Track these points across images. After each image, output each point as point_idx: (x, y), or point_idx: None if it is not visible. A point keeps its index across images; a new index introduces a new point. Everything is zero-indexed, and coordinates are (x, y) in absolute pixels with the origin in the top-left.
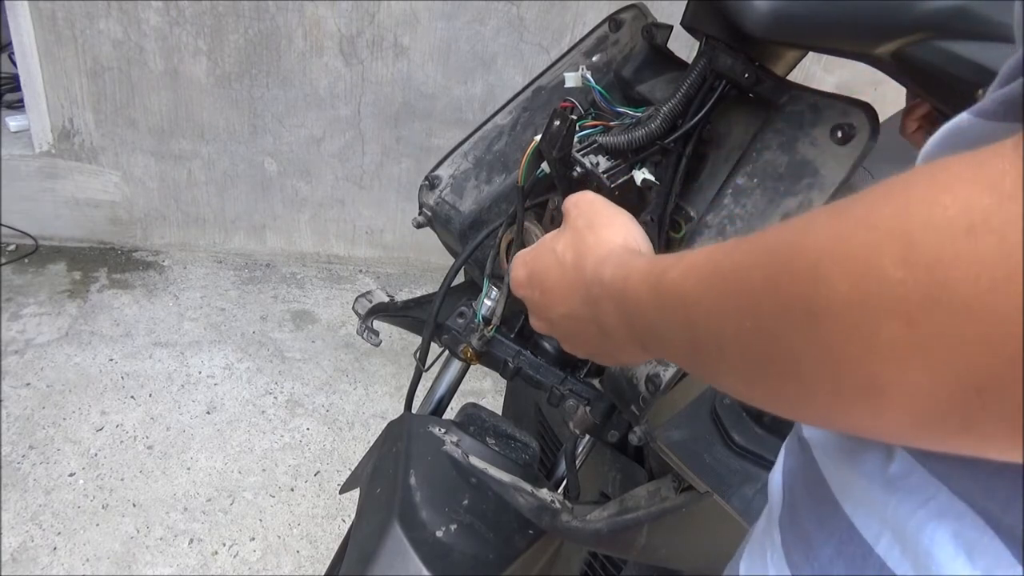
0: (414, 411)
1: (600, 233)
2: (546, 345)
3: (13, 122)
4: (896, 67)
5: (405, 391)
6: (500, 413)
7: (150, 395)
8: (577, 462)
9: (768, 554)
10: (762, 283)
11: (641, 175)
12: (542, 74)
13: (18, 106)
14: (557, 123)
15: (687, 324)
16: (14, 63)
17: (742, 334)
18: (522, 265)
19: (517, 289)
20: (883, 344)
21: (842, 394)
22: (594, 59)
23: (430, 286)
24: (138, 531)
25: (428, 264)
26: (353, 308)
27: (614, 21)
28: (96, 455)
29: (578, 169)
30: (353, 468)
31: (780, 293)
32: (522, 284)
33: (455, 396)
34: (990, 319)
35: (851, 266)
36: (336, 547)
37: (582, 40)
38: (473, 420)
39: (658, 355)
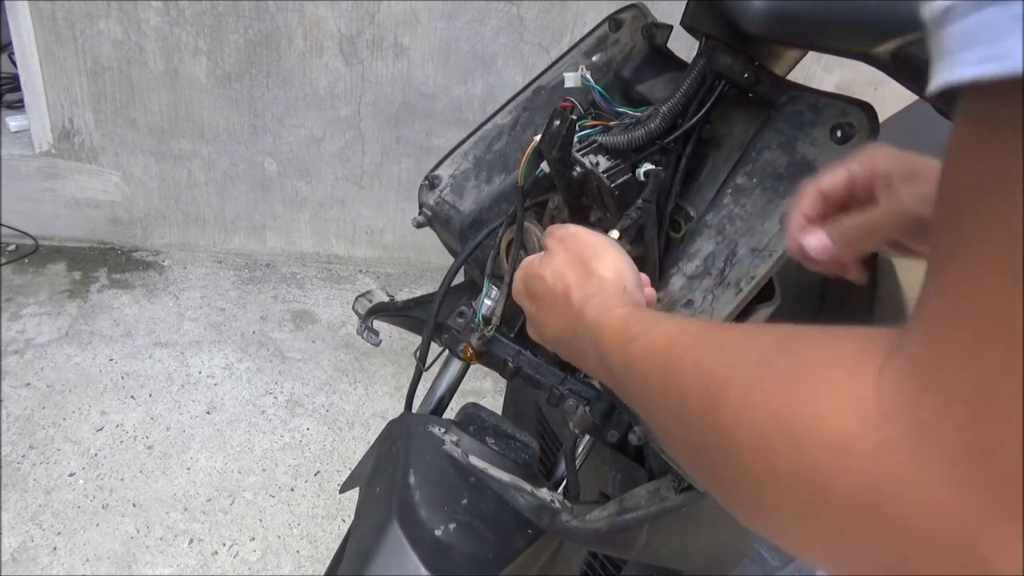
0: (414, 411)
1: (590, 265)
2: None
3: (13, 122)
4: (896, 67)
5: (405, 391)
6: (500, 413)
7: (150, 395)
8: (577, 462)
9: None
10: (695, 404)
11: (644, 167)
12: (542, 74)
13: (18, 106)
14: (557, 123)
15: (642, 394)
16: (14, 63)
17: (676, 428)
18: (521, 280)
19: (518, 298)
20: (781, 512)
21: (752, 519)
22: (594, 59)
23: (430, 286)
24: (138, 531)
25: (428, 264)
26: (353, 308)
27: (614, 21)
28: (96, 455)
29: (578, 169)
30: (353, 468)
31: (703, 421)
32: (521, 295)
33: (455, 396)
34: (862, 536)
35: (756, 439)
36: (336, 547)
37: (582, 40)
38: (473, 420)
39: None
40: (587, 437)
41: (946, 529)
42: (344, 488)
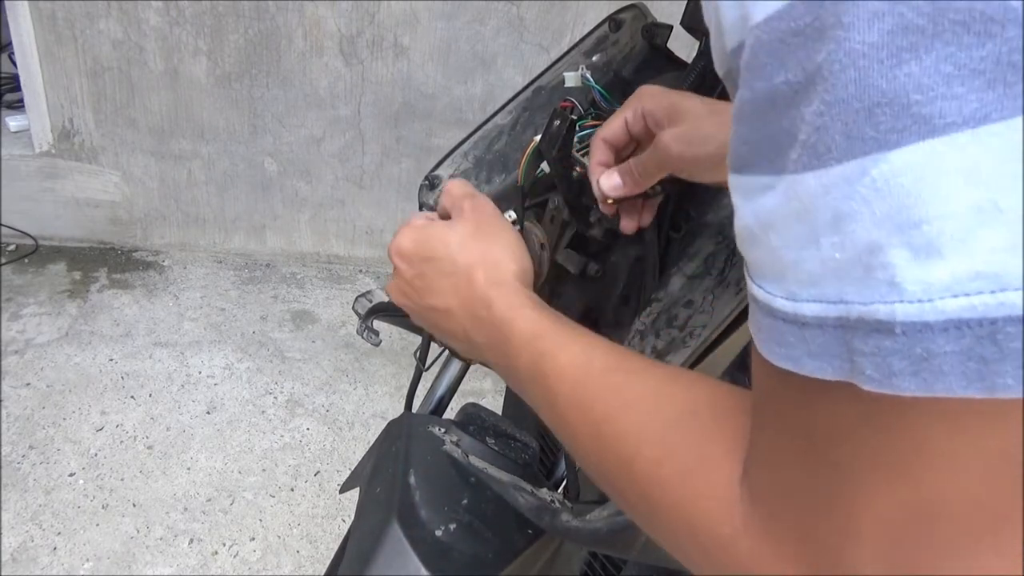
0: (414, 411)
1: (493, 248)
2: None
3: (13, 122)
4: None
5: (405, 391)
6: (500, 413)
7: (150, 395)
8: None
9: None
10: (610, 454)
11: None
12: (542, 74)
13: (18, 106)
14: (557, 123)
15: (550, 407)
16: (14, 63)
17: (586, 454)
18: (409, 239)
19: (393, 257)
20: (680, 554)
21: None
22: (594, 59)
23: None
24: (138, 531)
25: None
26: (353, 308)
27: (614, 21)
28: (96, 455)
29: (578, 169)
30: (353, 468)
31: (619, 469)
32: (403, 256)
33: (455, 396)
34: None
35: (664, 510)
36: (336, 547)
37: (582, 40)
38: (473, 420)
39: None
40: None
41: None
42: (344, 488)
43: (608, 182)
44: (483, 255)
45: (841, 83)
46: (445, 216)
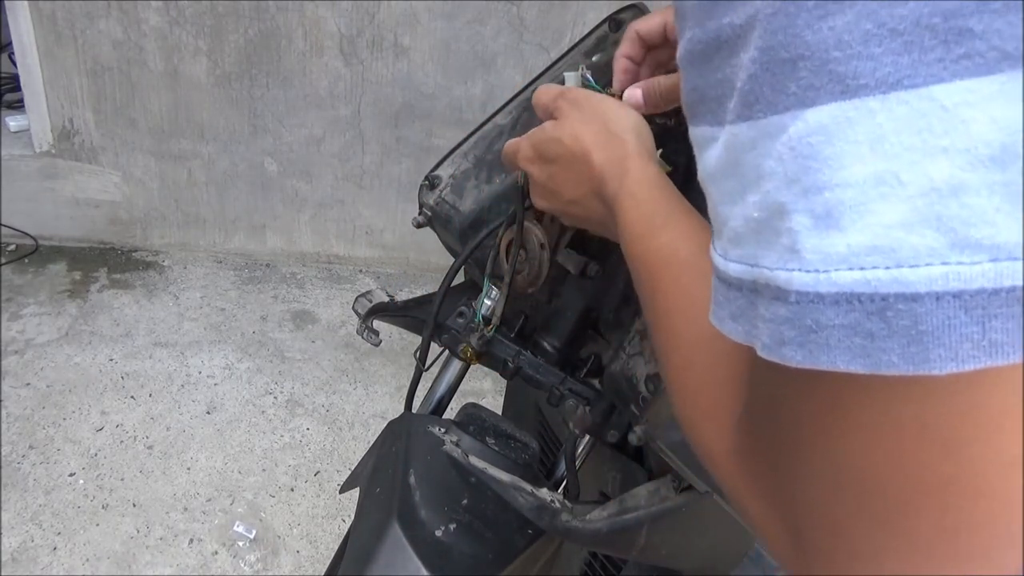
0: (414, 411)
1: (609, 127)
2: (546, 345)
3: (13, 122)
4: None
5: (405, 391)
6: (500, 413)
7: (150, 395)
8: (577, 462)
9: None
10: (658, 337)
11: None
12: (542, 74)
13: (18, 106)
14: None
15: (637, 285)
16: (14, 63)
17: (656, 325)
18: (531, 146)
19: (525, 164)
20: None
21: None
22: (594, 59)
23: (430, 286)
24: (138, 531)
25: (428, 264)
26: (353, 308)
27: (614, 21)
28: (96, 455)
29: None
30: (353, 468)
31: (661, 352)
32: (530, 160)
33: (455, 396)
34: (722, 483)
35: (681, 405)
36: (336, 547)
37: (582, 40)
38: (473, 420)
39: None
40: (587, 437)
41: (752, 513)
42: (344, 488)
43: (631, 95)
44: (595, 138)
45: (771, 30)
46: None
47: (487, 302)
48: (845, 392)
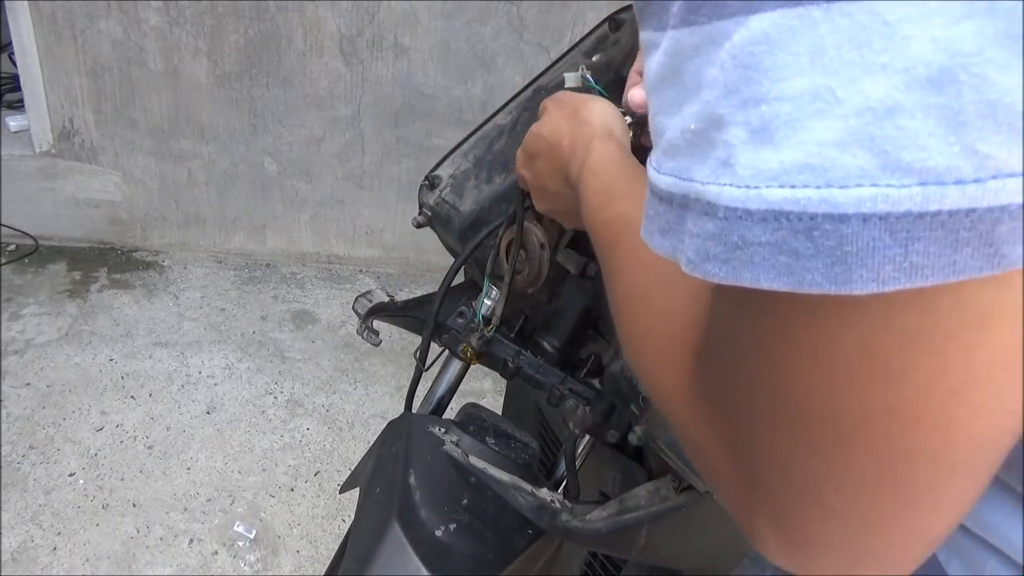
0: (414, 411)
1: (580, 115)
2: (546, 345)
3: (13, 122)
4: None
5: (405, 391)
6: (500, 413)
7: (150, 395)
8: (577, 462)
9: None
10: (615, 295)
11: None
12: (542, 74)
13: (18, 106)
14: None
15: (599, 257)
16: (14, 63)
17: (612, 286)
18: (520, 152)
19: (519, 168)
20: (646, 385)
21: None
22: (594, 59)
23: (430, 286)
24: (138, 531)
25: (428, 264)
26: (353, 308)
27: (614, 21)
28: (96, 455)
29: None
30: (353, 468)
31: (616, 309)
32: (521, 163)
33: (455, 396)
34: (677, 427)
35: (635, 349)
36: (336, 547)
37: (582, 40)
38: (473, 420)
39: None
40: (587, 437)
41: (706, 456)
42: (344, 488)
43: (636, 97)
44: (571, 129)
45: None
46: None
47: (487, 302)
48: (789, 318)
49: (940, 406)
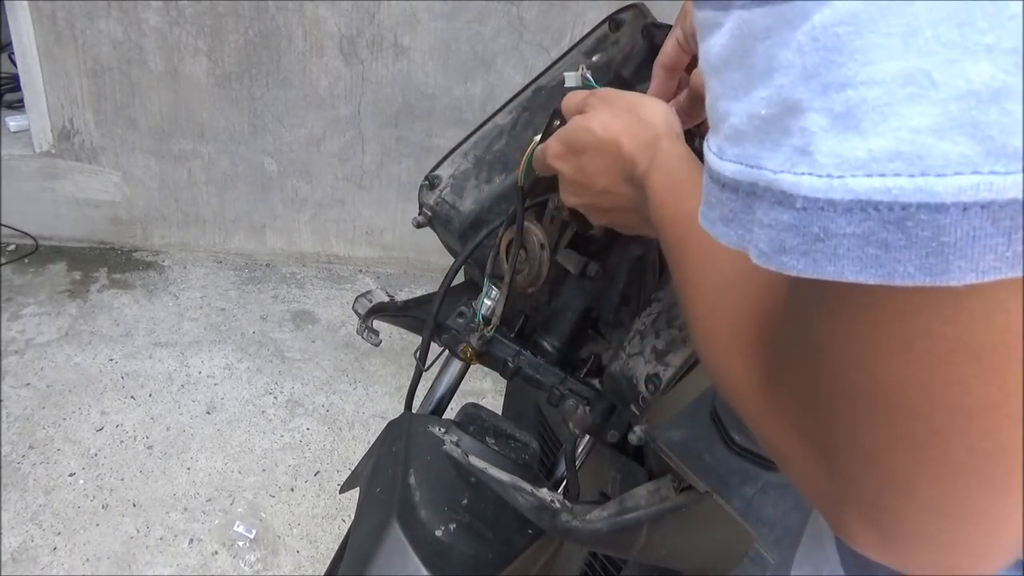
0: (414, 411)
1: (638, 114)
2: (546, 345)
3: (13, 122)
4: None
5: (405, 391)
6: (500, 413)
7: (150, 395)
8: (577, 462)
9: (823, 560)
10: (684, 292)
11: None
12: (542, 74)
13: (18, 106)
14: (557, 123)
15: (666, 253)
16: (14, 63)
17: (683, 282)
18: (560, 140)
19: (554, 160)
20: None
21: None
22: (594, 59)
23: (430, 286)
24: (138, 531)
25: (428, 264)
26: (353, 308)
27: (614, 21)
28: (96, 455)
29: None
30: (353, 468)
31: (685, 303)
32: (559, 156)
33: (455, 396)
34: (747, 417)
35: (705, 346)
36: (336, 547)
37: (582, 40)
38: (473, 420)
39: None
40: (587, 437)
41: (783, 450)
42: (344, 488)
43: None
44: (625, 126)
45: None
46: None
47: (487, 302)
48: (879, 311)
49: None
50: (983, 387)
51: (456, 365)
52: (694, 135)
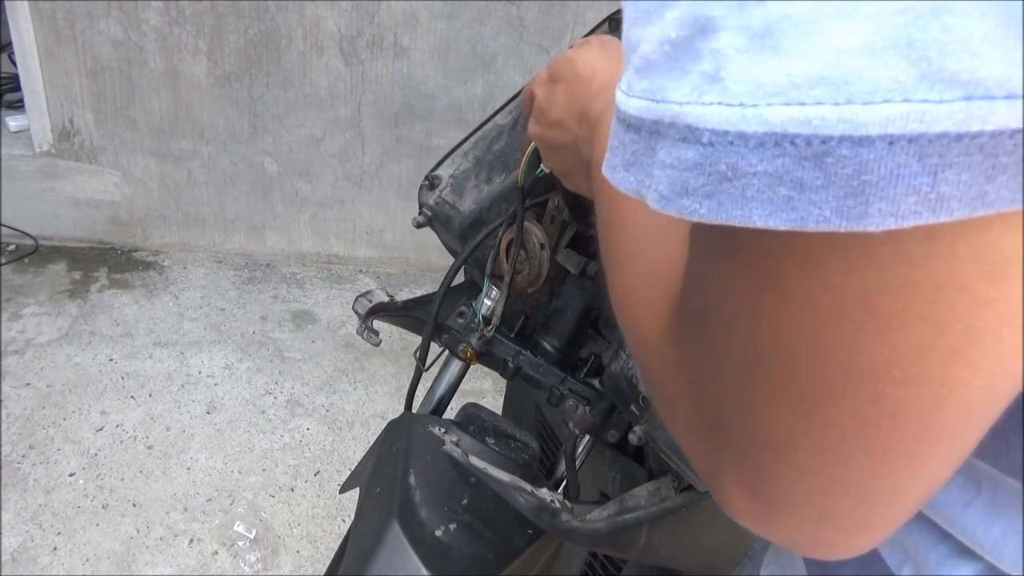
0: (414, 411)
1: (613, 56)
2: (546, 345)
3: (13, 122)
4: None
5: (405, 391)
6: (500, 413)
7: (150, 395)
8: (577, 462)
9: (791, 561)
10: (607, 248)
11: None
12: None
13: (18, 106)
14: None
15: (604, 192)
16: (14, 63)
17: (609, 230)
18: (546, 71)
19: (536, 86)
20: (627, 336)
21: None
22: None
23: (430, 286)
24: (138, 531)
25: (428, 264)
26: (353, 308)
27: (614, 21)
28: (96, 455)
29: None
30: (353, 468)
31: (606, 257)
32: (541, 82)
33: (455, 396)
34: (645, 368)
35: (622, 302)
36: (336, 547)
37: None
38: (473, 420)
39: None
40: (587, 437)
41: (676, 411)
42: (344, 488)
43: None
44: (606, 66)
45: None
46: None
47: (487, 302)
48: (780, 261)
49: (937, 365)
50: (874, 346)
51: (456, 365)
52: None
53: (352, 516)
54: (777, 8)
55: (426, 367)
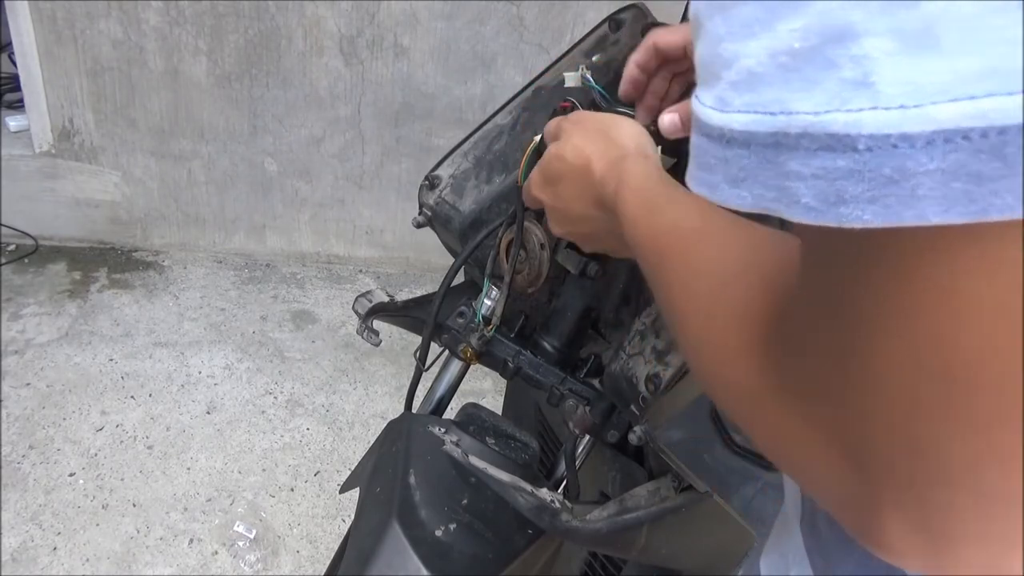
0: (414, 411)
1: (609, 135)
2: (546, 345)
3: (13, 122)
4: None
5: (405, 391)
6: (500, 413)
7: (150, 395)
8: (577, 462)
9: (789, 556)
10: (672, 305)
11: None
12: (542, 74)
13: (18, 106)
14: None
15: (644, 266)
16: (14, 63)
17: (668, 298)
18: (538, 171)
19: (536, 191)
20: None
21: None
22: (594, 59)
23: (430, 286)
24: (138, 531)
25: (428, 264)
26: (353, 308)
27: (614, 21)
28: (96, 455)
29: None
30: (353, 468)
31: (673, 320)
32: (539, 186)
33: (455, 396)
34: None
35: (702, 364)
36: (336, 547)
37: (582, 40)
38: (473, 420)
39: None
40: (587, 437)
41: (804, 459)
42: (344, 488)
43: (668, 121)
44: (597, 148)
45: None
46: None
47: (487, 302)
48: (951, 264)
49: None
50: None
51: (456, 365)
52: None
53: (352, 516)
54: (933, 8)
55: (426, 367)
